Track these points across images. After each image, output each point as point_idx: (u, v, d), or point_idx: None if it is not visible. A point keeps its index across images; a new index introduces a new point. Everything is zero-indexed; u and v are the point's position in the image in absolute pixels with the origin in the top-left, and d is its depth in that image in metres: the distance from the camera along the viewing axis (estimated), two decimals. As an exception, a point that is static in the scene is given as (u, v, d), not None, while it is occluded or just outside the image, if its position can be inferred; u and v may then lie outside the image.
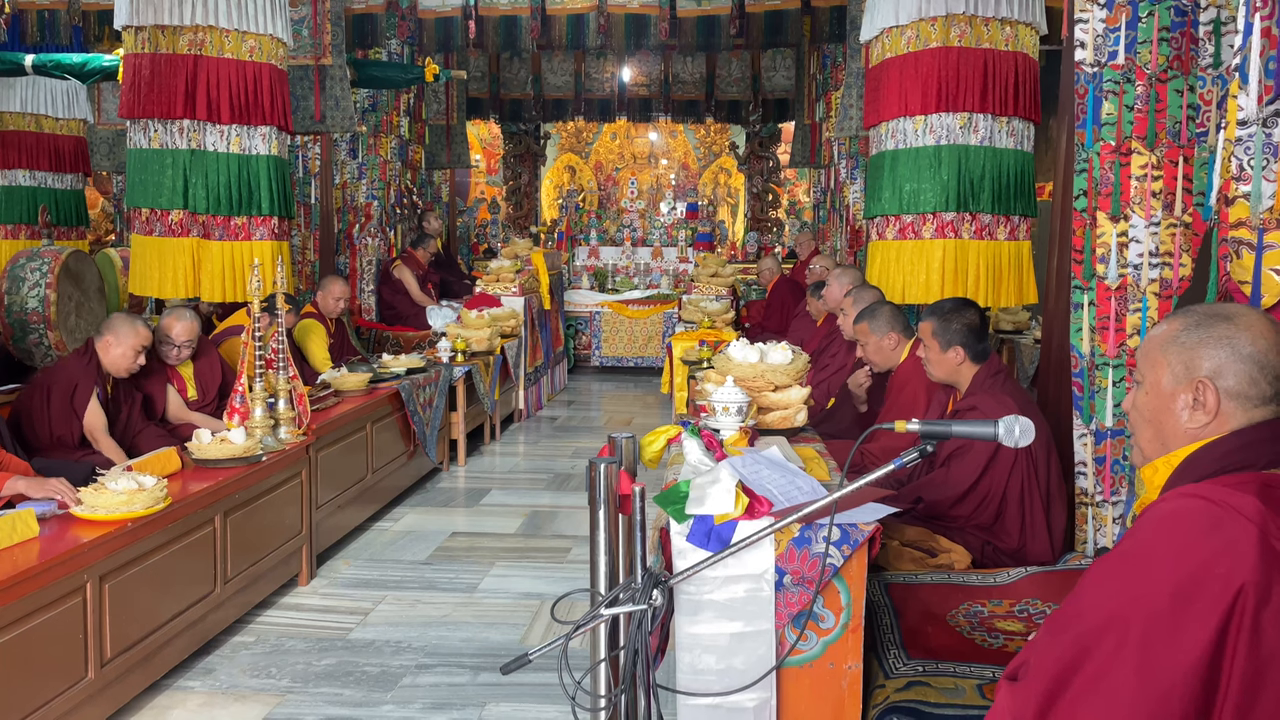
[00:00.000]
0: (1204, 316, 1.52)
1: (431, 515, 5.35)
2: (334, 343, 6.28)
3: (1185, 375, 1.50)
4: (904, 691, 2.20)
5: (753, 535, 1.99)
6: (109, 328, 4.35)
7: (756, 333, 7.83)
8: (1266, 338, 1.47)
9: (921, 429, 1.83)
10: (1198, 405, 1.49)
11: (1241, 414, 1.47)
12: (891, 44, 4.67)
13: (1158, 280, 3.12)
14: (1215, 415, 1.48)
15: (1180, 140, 3.08)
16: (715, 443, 2.70)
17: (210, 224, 5.03)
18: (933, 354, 3.36)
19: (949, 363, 3.33)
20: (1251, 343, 1.46)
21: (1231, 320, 1.49)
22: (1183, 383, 1.50)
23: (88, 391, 4.23)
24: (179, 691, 3.31)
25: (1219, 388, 1.47)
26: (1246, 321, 1.48)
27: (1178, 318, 1.56)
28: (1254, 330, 1.47)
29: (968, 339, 3.30)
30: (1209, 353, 1.48)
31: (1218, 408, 1.48)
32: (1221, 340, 1.48)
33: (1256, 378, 1.46)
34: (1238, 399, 1.47)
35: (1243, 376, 1.46)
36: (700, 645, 2.14)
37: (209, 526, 3.52)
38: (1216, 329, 1.49)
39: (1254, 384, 1.46)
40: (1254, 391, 1.46)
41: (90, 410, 4.22)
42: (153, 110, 4.97)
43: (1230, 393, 1.47)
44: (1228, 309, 1.53)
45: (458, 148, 10.04)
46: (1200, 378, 1.49)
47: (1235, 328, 1.48)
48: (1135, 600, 1.32)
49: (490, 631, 3.80)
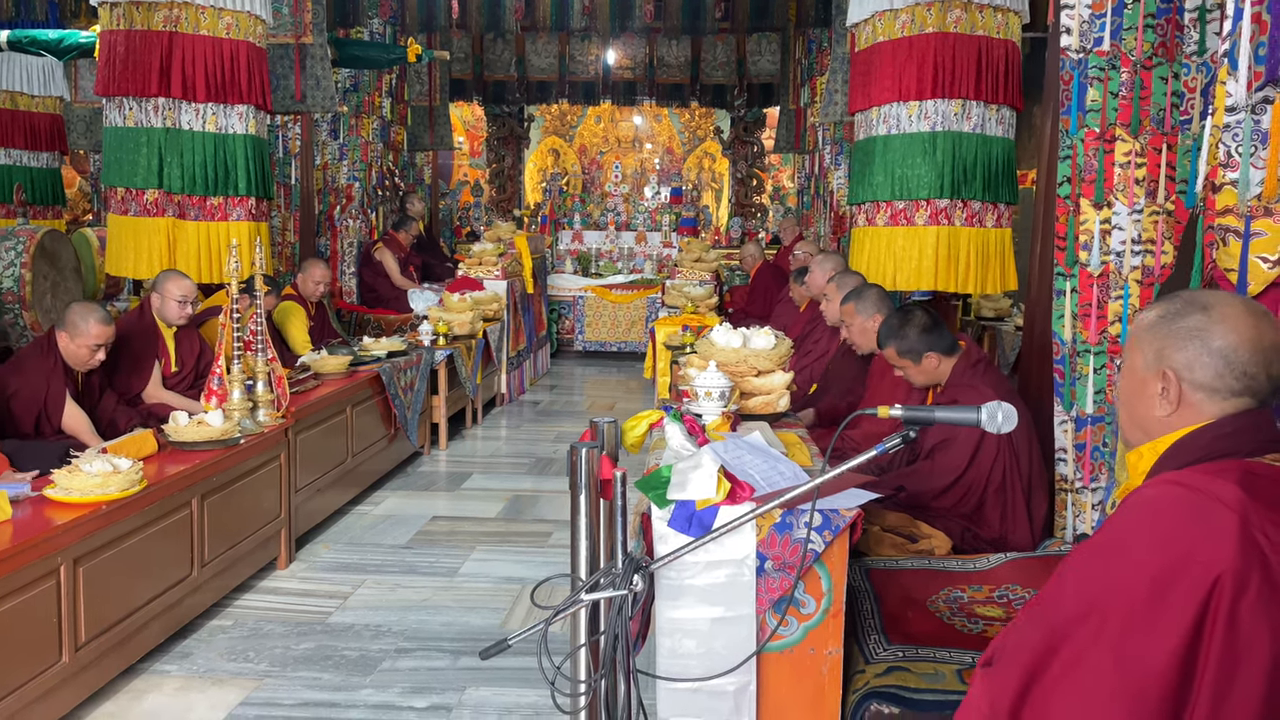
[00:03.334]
0: (1183, 305, 1.50)
1: (412, 499, 5.33)
2: (314, 325, 6.23)
3: (1155, 363, 1.49)
4: (884, 676, 2.20)
5: (734, 520, 1.98)
6: (67, 321, 4.14)
7: (740, 318, 7.82)
8: (1239, 332, 1.44)
9: (905, 414, 1.82)
10: (1164, 394, 1.48)
11: (1211, 406, 1.46)
12: (884, 27, 4.63)
13: (1140, 267, 3.12)
14: (1178, 406, 1.47)
15: (1164, 127, 3.08)
16: (697, 428, 2.69)
17: (186, 204, 4.97)
18: (911, 371, 3.40)
19: (929, 369, 3.36)
20: (1222, 336, 1.44)
21: (1207, 311, 1.46)
22: (1153, 370, 1.50)
23: (60, 396, 4.09)
24: (155, 675, 3.28)
25: (1184, 379, 1.46)
26: (1223, 313, 1.46)
27: (1161, 304, 1.54)
28: (1228, 323, 1.44)
29: (932, 342, 3.33)
30: (1179, 344, 1.46)
31: (1180, 399, 1.47)
32: (1192, 332, 1.46)
33: (1223, 372, 1.44)
34: (1205, 391, 1.45)
35: (1209, 370, 1.44)
36: (681, 630, 2.13)
37: (186, 509, 3.48)
38: (1190, 320, 1.46)
39: (1220, 378, 1.44)
40: (1220, 385, 1.44)
41: (68, 415, 4.12)
42: (128, 88, 4.90)
43: (1196, 385, 1.46)
44: (1208, 298, 1.50)
45: (440, 129, 9.95)
46: (1165, 368, 1.47)
47: (1209, 319, 1.45)
48: (1113, 588, 1.31)
49: (470, 616, 3.79)
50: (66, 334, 4.11)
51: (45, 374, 4.10)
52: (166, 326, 4.73)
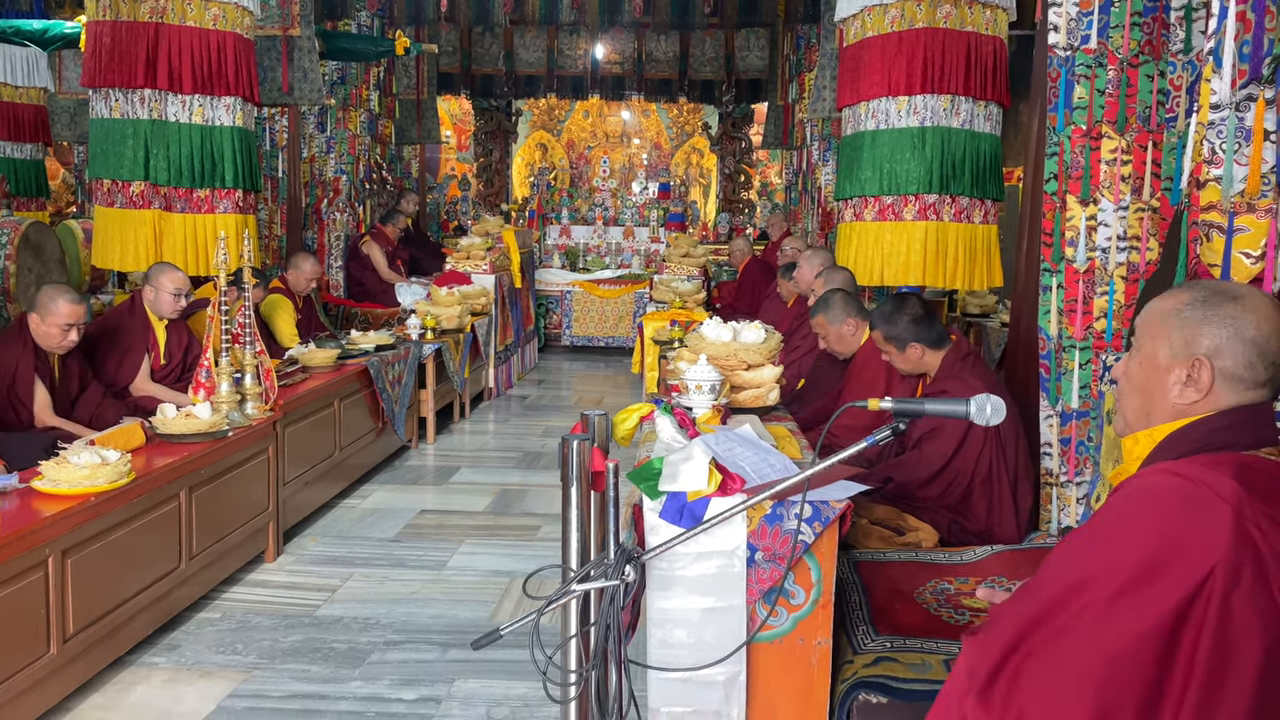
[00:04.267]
0: (1211, 293, 1.49)
1: (400, 493, 5.32)
2: (301, 319, 6.21)
3: (1184, 350, 1.47)
4: (872, 667, 2.22)
5: (725, 512, 1.99)
6: (37, 303, 4.09)
7: (727, 314, 7.78)
8: (1271, 322, 1.44)
9: (895, 406, 1.83)
10: (1190, 382, 1.46)
11: (1232, 395, 1.45)
12: (873, 22, 4.64)
13: (1125, 264, 3.15)
14: (1207, 394, 1.46)
15: (1150, 125, 3.11)
16: (688, 420, 2.70)
17: (172, 196, 4.93)
18: (895, 357, 3.44)
19: (912, 359, 3.40)
20: (1255, 326, 1.43)
21: (1239, 301, 1.46)
22: (1180, 358, 1.48)
23: (28, 378, 4.05)
24: (143, 668, 3.28)
25: (1216, 367, 1.45)
26: (1253, 304, 1.46)
27: (1185, 290, 1.52)
28: (1259, 313, 1.44)
29: (919, 332, 3.36)
30: (1211, 330, 1.45)
31: (1210, 387, 1.46)
32: (1226, 320, 1.45)
33: (1254, 362, 1.44)
34: (1231, 380, 1.45)
35: (1240, 359, 1.44)
36: (672, 620, 2.14)
37: (174, 502, 3.47)
38: (1223, 308, 1.46)
39: (1250, 368, 1.44)
40: (1249, 375, 1.44)
41: (37, 401, 4.10)
42: (113, 79, 4.86)
43: (1225, 374, 1.45)
44: (1236, 288, 1.50)
45: (428, 123, 9.92)
46: (1198, 355, 1.46)
47: (1241, 309, 1.45)
48: (1102, 568, 1.33)
49: (459, 608, 3.79)
50: (37, 315, 4.07)
51: (15, 356, 4.07)
52: (158, 320, 4.71)
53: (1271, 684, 1.24)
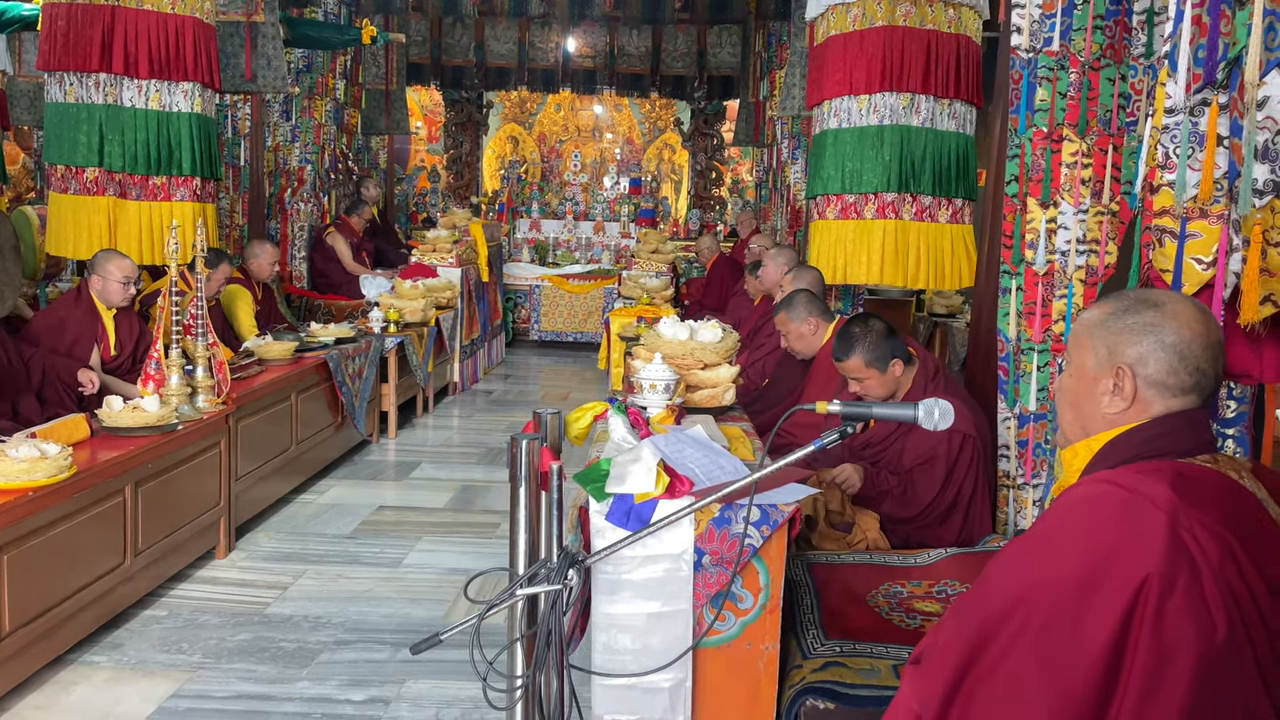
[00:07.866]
0: (1133, 302, 1.49)
1: (359, 488, 5.25)
2: (260, 309, 6.11)
3: (1108, 360, 1.47)
4: (820, 672, 2.20)
5: (672, 514, 1.96)
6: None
7: (695, 310, 7.81)
8: (1191, 328, 1.43)
9: (843, 410, 1.81)
10: (1117, 391, 1.46)
11: (1160, 403, 1.45)
12: (836, 21, 4.63)
13: (1084, 267, 3.15)
14: (1132, 402, 1.46)
15: (1110, 129, 3.10)
16: (641, 420, 2.67)
17: (127, 183, 4.83)
18: (874, 381, 3.25)
19: (892, 378, 3.25)
20: (1176, 332, 1.43)
21: (1159, 308, 1.46)
22: (1105, 367, 1.48)
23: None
24: (84, 666, 3.20)
25: (1138, 375, 1.45)
26: (1174, 310, 1.45)
27: (1108, 301, 1.53)
28: (1180, 319, 1.44)
29: (895, 347, 3.25)
30: (1133, 339, 1.45)
31: (1134, 395, 1.45)
32: (1146, 328, 1.45)
33: (1177, 368, 1.43)
34: (1157, 388, 1.45)
35: (1163, 366, 1.44)
36: (617, 625, 2.11)
37: (118, 497, 3.39)
38: (1143, 315, 1.46)
39: (1174, 374, 1.43)
40: (1173, 381, 1.44)
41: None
42: (69, 63, 4.75)
43: (1150, 381, 1.45)
44: (1158, 296, 1.50)
45: (397, 113, 9.80)
46: (1121, 364, 1.46)
47: (1162, 315, 1.45)
48: (1040, 584, 1.31)
49: (413, 607, 3.74)
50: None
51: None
52: (106, 309, 4.61)
53: (1204, 694, 1.22)
